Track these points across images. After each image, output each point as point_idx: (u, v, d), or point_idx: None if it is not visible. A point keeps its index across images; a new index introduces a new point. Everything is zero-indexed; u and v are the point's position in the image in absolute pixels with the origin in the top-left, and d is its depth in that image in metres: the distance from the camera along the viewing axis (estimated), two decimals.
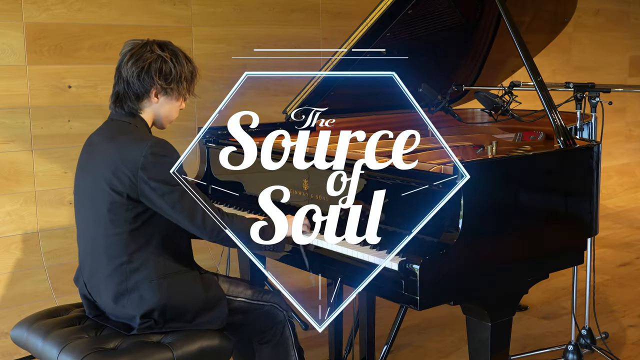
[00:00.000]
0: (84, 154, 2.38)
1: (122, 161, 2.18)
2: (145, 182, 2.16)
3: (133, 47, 2.30)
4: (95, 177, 2.25)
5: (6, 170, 3.78)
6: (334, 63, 3.04)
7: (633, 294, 4.35)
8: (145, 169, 2.16)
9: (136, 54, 2.28)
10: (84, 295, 2.39)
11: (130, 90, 2.29)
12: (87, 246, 2.32)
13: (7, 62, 3.73)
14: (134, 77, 2.27)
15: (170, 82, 2.30)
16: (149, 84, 2.28)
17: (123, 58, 2.30)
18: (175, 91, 2.33)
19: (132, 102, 2.31)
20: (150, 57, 2.27)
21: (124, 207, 2.20)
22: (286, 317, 2.51)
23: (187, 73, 2.35)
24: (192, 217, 2.19)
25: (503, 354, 2.34)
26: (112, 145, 2.24)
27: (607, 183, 7.06)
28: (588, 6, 6.85)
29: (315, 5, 4.87)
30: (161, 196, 2.17)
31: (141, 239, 2.23)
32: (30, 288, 3.80)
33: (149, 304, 2.23)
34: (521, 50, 2.63)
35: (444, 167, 2.30)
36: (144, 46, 2.30)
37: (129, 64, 2.28)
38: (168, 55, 2.30)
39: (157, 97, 2.32)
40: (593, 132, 3.19)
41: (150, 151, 2.17)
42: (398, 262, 2.13)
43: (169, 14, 4.23)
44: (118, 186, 2.19)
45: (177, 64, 2.31)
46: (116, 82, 2.33)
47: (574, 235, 2.50)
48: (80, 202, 2.35)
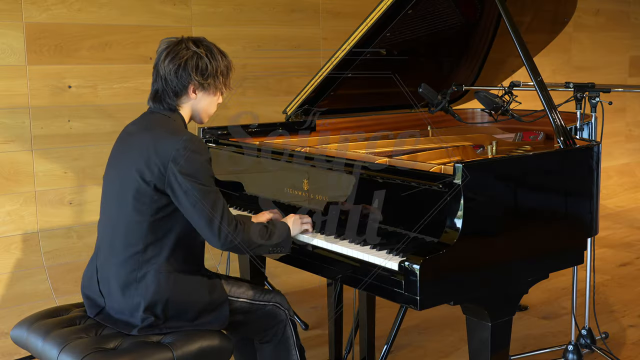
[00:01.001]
0: (119, 142, 2.42)
1: (155, 152, 2.23)
2: (174, 175, 2.20)
3: (169, 45, 2.36)
4: (127, 164, 2.29)
5: (6, 170, 3.79)
6: (334, 63, 3.04)
7: (633, 294, 4.35)
8: (176, 162, 2.20)
9: (172, 52, 2.34)
10: (86, 295, 2.39)
11: (168, 87, 2.35)
12: (107, 230, 2.35)
13: (7, 62, 3.73)
14: (172, 74, 2.33)
15: (207, 78, 2.36)
16: (187, 80, 2.34)
17: (160, 56, 2.36)
18: (212, 86, 2.39)
19: (171, 99, 2.36)
20: (186, 54, 2.33)
21: (149, 197, 2.24)
22: (288, 316, 2.51)
23: (223, 68, 2.40)
24: (210, 221, 2.22)
25: (503, 354, 2.34)
26: (148, 136, 2.29)
27: (607, 183, 7.06)
28: (588, 6, 6.85)
29: (315, 5, 4.87)
30: (185, 191, 2.20)
31: (159, 231, 2.26)
32: (30, 288, 3.80)
33: (153, 295, 2.24)
34: (521, 50, 2.63)
35: (444, 167, 2.30)
36: (179, 43, 2.35)
37: (166, 61, 2.33)
38: (203, 51, 2.35)
39: (195, 93, 2.37)
40: (593, 132, 3.19)
41: (184, 145, 2.21)
42: (398, 262, 2.13)
43: (169, 14, 4.23)
44: (148, 175, 2.23)
45: (212, 59, 2.36)
46: (154, 80, 2.38)
47: (574, 235, 2.50)
48: (109, 189, 2.39)
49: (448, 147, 2.83)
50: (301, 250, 2.49)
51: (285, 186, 2.73)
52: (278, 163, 2.77)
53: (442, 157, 2.74)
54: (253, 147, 2.90)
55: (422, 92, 2.97)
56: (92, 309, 2.37)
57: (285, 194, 2.73)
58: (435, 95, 3.00)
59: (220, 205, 2.24)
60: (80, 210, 4.02)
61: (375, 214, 2.41)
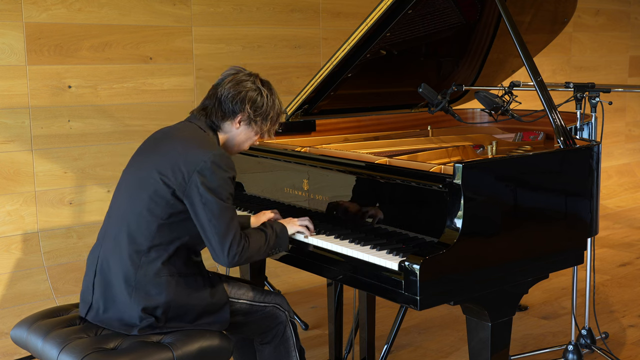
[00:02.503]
0: (150, 140, 2.44)
1: (184, 160, 2.25)
2: (196, 186, 2.22)
3: (238, 72, 2.42)
4: (152, 163, 2.30)
5: (6, 170, 3.79)
6: (334, 63, 3.04)
7: (633, 294, 4.35)
8: (202, 174, 2.22)
9: (238, 79, 2.39)
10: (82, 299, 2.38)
11: (219, 108, 2.39)
12: (114, 221, 2.35)
13: (7, 62, 3.73)
14: (229, 98, 2.37)
15: (258, 115, 2.40)
16: (239, 109, 2.38)
17: (224, 78, 2.41)
18: (257, 125, 2.43)
19: (217, 119, 2.40)
20: (250, 87, 2.38)
21: (165, 201, 2.25)
22: (288, 317, 2.51)
23: (274, 114, 2.45)
24: (222, 238, 2.23)
25: (503, 354, 2.34)
26: (181, 143, 2.31)
27: (607, 183, 7.06)
28: (588, 6, 6.85)
29: (315, 5, 4.87)
30: (204, 204, 2.22)
31: (166, 236, 2.27)
32: (30, 288, 3.80)
33: (153, 301, 2.24)
34: (521, 50, 2.63)
35: (444, 167, 2.30)
36: (249, 75, 2.42)
37: (229, 85, 2.38)
38: (266, 91, 2.41)
39: (239, 124, 2.41)
40: (593, 132, 3.19)
41: (212, 159, 2.23)
42: (398, 262, 2.13)
43: (169, 14, 4.23)
44: (170, 180, 2.24)
45: (270, 102, 2.42)
46: (207, 97, 2.43)
47: (574, 235, 2.50)
48: (126, 180, 2.39)
49: (448, 147, 2.83)
50: (301, 250, 2.49)
51: (285, 186, 2.73)
52: (278, 163, 2.77)
53: (442, 157, 2.74)
54: (253, 147, 2.90)
55: (422, 92, 2.97)
56: (82, 308, 2.37)
57: (285, 194, 2.73)
58: (435, 95, 3.00)
59: (235, 224, 2.25)
60: (80, 210, 4.02)
61: (375, 214, 2.41)
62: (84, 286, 2.38)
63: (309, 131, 3.31)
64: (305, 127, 3.31)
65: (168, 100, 4.25)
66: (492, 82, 3.72)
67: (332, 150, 2.78)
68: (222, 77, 2.43)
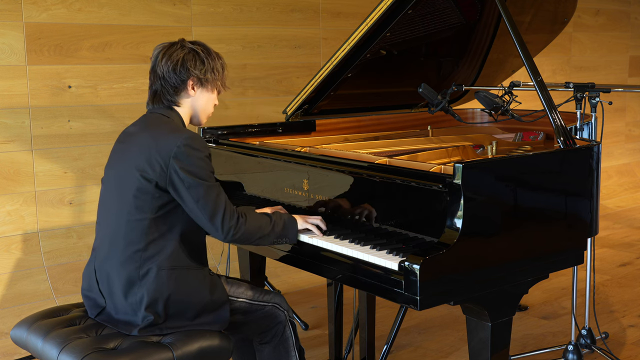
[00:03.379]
0: (118, 143, 2.43)
1: (156, 149, 2.25)
2: (175, 172, 2.22)
3: (164, 48, 2.40)
4: (127, 163, 2.31)
5: (6, 170, 3.79)
6: (334, 63, 3.04)
7: (633, 294, 4.35)
8: (178, 159, 2.22)
9: (168, 52, 2.38)
10: (87, 296, 2.39)
11: (167, 85, 2.38)
12: (107, 231, 2.35)
13: (7, 62, 3.73)
14: (170, 71, 2.36)
15: (205, 72, 2.40)
16: (186, 75, 2.37)
17: (156, 58, 2.40)
18: (210, 82, 2.42)
19: (171, 95, 2.39)
20: (182, 52, 2.38)
21: (150, 195, 2.25)
22: (287, 317, 2.51)
23: (219, 66, 2.44)
24: (212, 216, 2.25)
25: (503, 354, 2.34)
26: (148, 135, 2.31)
27: (607, 183, 7.06)
28: (588, 6, 6.85)
29: (315, 5, 4.87)
30: (188, 188, 2.23)
31: (161, 228, 2.28)
32: (30, 288, 3.80)
33: (154, 292, 2.24)
34: (521, 50, 2.63)
35: (444, 167, 2.30)
36: (174, 44, 2.40)
37: (163, 61, 2.37)
38: (199, 48, 2.40)
39: (193, 90, 2.40)
40: (593, 132, 3.19)
41: (185, 142, 2.24)
42: (398, 262, 2.13)
43: (169, 14, 4.23)
44: (149, 173, 2.24)
45: (208, 56, 2.41)
46: (152, 83, 2.42)
47: (574, 235, 2.50)
48: (107, 189, 2.40)
49: (448, 147, 2.83)
50: (301, 250, 2.49)
51: (285, 186, 2.73)
52: (278, 163, 2.77)
53: (442, 157, 2.74)
54: (253, 147, 2.91)
55: (422, 92, 2.97)
56: (93, 309, 2.37)
57: (285, 194, 2.73)
58: (435, 95, 3.00)
59: (223, 199, 2.27)
60: (80, 210, 4.02)
61: (375, 213, 2.41)
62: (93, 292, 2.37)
63: (309, 131, 3.31)
64: (305, 127, 3.31)
65: None
66: (492, 82, 3.72)
67: (332, 150, 2.78)
68: (153, 59, 2.41)
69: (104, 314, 2.34)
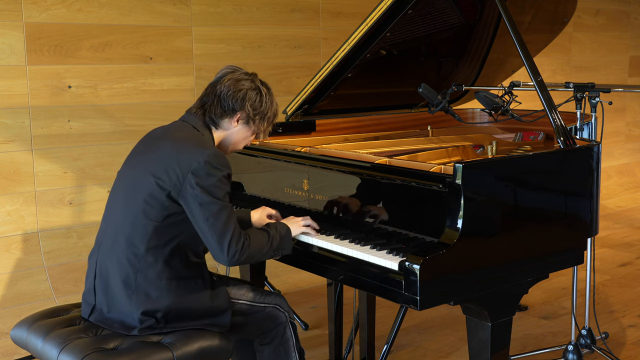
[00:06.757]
0: (142, 143, 2.43)
1: (177, 161, 2.23)
2: (191, 186, 2.20)
3: (235, 71, 2.41)
4: (145, 166, 2.29)
5: (6, 170, 3.79)
6: (334, 63, 3.04)
7: (633, 294, 4.35)
8: (196, 174, 2.20)
9: (237, 77, 2.39)
10: (83, 298, 2.38)
11: (218, 105, 2.37)
12: (112, 226, 2.34)
13: (7, 62, 3.73)
14: (229, 95, 2.36)
15: (257, 114, 2.40)
16: (238, 107, 2.37)
17: (222, 77, 2.40)
18: (255, 124, 2.42)
19: (216, 116, 2.39)
20: (250, 85, 2.38)
21: (160, 203, 2.24)
22: (287, 318, 2.51)
23: (272, 114, 2.45)
24: (220, 237, 2.22)
25: (503, 354, 2.34)
26: (173, 144, 2.29)
27: (607, 183, 7.06)
28: (588, 6, 6.85)
29: (315, 5, 4.87)
30: (200, 204, 2.20)
31: (163, 237, 2.26)
32: (30, 288, 3.80)
33: (153, 304, 2.24)
34: (521, 50, 2.63)
35: (444, 167, 2.30)
36: (247, 74, 2.41)
37: (228, 82, 2.37)
38: (265, 90, 2.41)
39: (237, 122, 2.40)
40: (593, 132, 3.19)
41: (206, 159, 2.22)
42: (398, 262, 2.13)
43: (169, 14, 4.23)
44: (165, 182, 2.23)
45: (268, 102, 2.42)
46: (205, 94, 2.41)
47: (574, 235, 2.50)
48: (121, 186, 2.38)
49: (448, 147, 2.83)
50: (302, 250, 2.49)
51: (285, 186, 2.73)
52: (278, 163, 2.77)
53: (442, 157, 2.74)
54: (253, 147, 2.90)
55: (422, 92, 2.97)
56: (85, 309, 2.36)
57: (285, 194, 2.73)
58: (435, 95, 3.00)
59: (233, 222, 2.24)
60: (80, 210, 4.02)
61: (376, 213, 2.41)
62: (86, 287, 2.38)
63: (309, 131, 3.31)
64: (305, 127, 3.31)
65: (168, 100, 4.25)
66: (492, 82, 3.72)
67: (332, 150, 2.78)
68: (219, 74, 2.41)
69: (95, 312, 2.33)
